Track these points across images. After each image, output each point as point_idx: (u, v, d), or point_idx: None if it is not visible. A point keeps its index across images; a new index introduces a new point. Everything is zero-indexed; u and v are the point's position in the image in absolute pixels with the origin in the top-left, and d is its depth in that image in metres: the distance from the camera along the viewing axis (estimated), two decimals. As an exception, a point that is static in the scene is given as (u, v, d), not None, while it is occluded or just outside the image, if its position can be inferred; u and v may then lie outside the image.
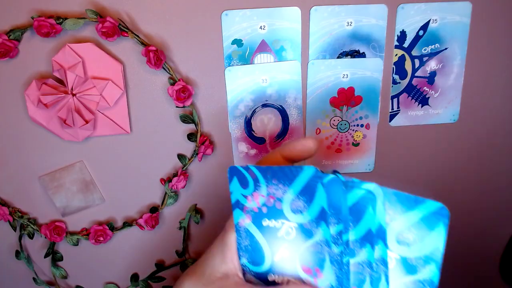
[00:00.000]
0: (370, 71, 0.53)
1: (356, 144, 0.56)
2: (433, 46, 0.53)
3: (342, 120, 0.55)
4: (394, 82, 0.54)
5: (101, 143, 0.54)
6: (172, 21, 0.50)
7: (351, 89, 0.54)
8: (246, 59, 0.52)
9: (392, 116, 0.56)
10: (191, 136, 0.54)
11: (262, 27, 0.51)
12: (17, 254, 0.58)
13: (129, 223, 0.57)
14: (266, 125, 0.55)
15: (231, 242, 0.31)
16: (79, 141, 0.52)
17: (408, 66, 0.54)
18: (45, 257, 0.58)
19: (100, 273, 0.61)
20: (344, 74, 0.53)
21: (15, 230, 0.57)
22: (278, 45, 0.52)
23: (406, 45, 0.53)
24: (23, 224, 0.56)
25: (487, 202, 0.61)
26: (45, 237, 0.56)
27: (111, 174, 0.55)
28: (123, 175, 0.55)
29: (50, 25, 0.47)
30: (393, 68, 0.54)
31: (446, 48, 0.53)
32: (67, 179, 0.55)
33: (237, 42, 0.51)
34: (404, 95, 0.55)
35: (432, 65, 0.54)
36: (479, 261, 0.64)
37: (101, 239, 0.57)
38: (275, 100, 0.54)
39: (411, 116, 0.56)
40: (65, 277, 0.60)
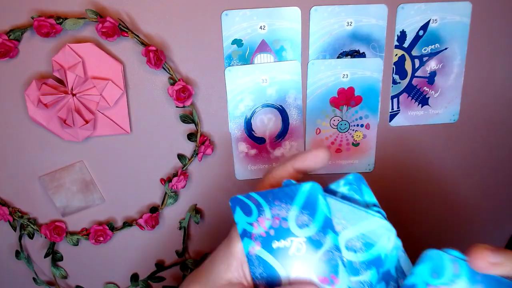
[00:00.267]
0: (370, 71, 0.53)
1: (356, 144, 0.56)
2: (433, 46, 0.53)
3: (342, 120, 0.55)
4: (394, 82, 0.54)
5: (101, 143, 0.54)
6: (172, 21, 0.50)
7: (351, 89, 0.54)
8: (246, 59, 0.52)
9: (392, 116, 0.56)
10: (191, 136, 0.54)
11: (262, 27, 0.51)
12: (17, 254, 0.58)
13: (129, 223, 0.57)
14: (266, 125, 0.55)
15: (237, 251, 0.31)
16: (79, 141, 0.52)
17: (408, 66, 0.54)
18: (45, 257, 0.58)
19: (100, 273, 0.61)
20: (344, 74, 0.53)
21: (15, 230, 0.57)
22: (278, 45, 0.52)
23: (406, 45, 0.53)
24: (23, 224, 0.56)
25: (487, 202, 0.61)
26: (45, 237, 0.56)
27: (111, 174, 0.55)
28: (123, 175, 0.55)
29: (50, 25, 0.47)
30: (393, 68, 0.54)
31: (446, 48, 0.53)
32: (67, 179, 0.55)
33: (237, 42, 0.51)
34: (404, 95, 0.55)
35: (432, 65, 0.54)
36: (479, 261, 0.64)
37: (101, 239, 0.57)
38: (275, 100, 0.54)
39: (411, 116, 0.56)
40: (65, 277, 0.60)
